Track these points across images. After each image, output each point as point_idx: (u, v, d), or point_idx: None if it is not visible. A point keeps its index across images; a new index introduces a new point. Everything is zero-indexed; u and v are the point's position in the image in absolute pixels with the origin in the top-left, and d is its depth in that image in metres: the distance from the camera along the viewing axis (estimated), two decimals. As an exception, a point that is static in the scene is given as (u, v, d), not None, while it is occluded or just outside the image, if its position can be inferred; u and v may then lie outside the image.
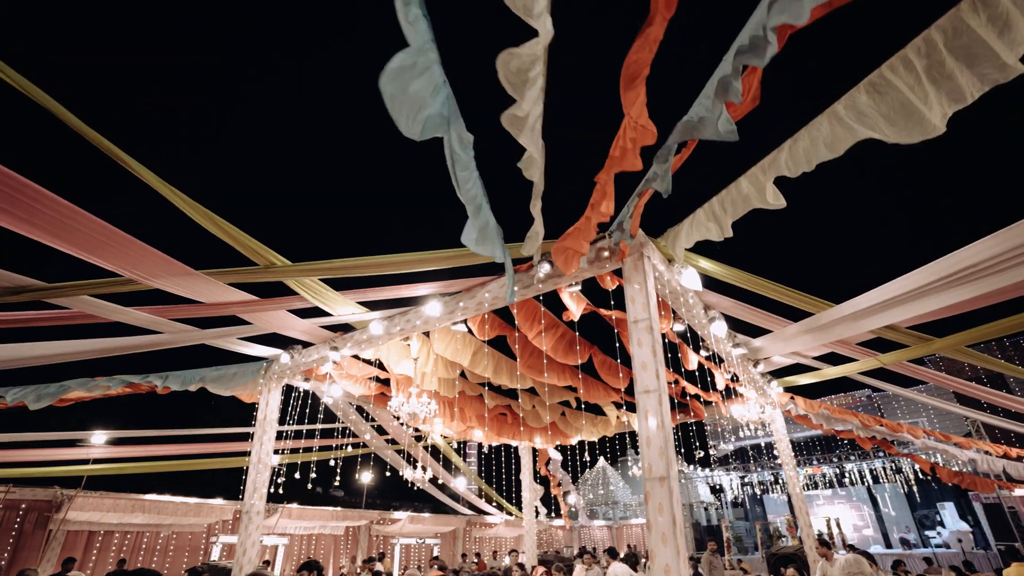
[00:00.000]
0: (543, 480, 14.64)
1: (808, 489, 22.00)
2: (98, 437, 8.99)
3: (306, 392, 8.29)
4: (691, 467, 25.46)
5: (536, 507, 15.33)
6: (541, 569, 6.93)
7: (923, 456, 14.56)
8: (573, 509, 19.81)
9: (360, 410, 9.40)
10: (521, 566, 7.00)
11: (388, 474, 10.68)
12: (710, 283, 5.24)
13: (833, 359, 6.92)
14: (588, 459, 13.04)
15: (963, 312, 4.54)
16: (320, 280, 4.64)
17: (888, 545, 20.20)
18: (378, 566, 9.73)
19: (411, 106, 2.01)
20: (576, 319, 5.34)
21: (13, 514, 9.32)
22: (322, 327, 6.12)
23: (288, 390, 8.06)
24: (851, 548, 8.85)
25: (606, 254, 4.42)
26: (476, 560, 14.20)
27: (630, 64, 2.40)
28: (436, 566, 9.56)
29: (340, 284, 4.93)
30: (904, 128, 2.17)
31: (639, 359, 3.93)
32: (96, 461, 9.95)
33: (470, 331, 6.08)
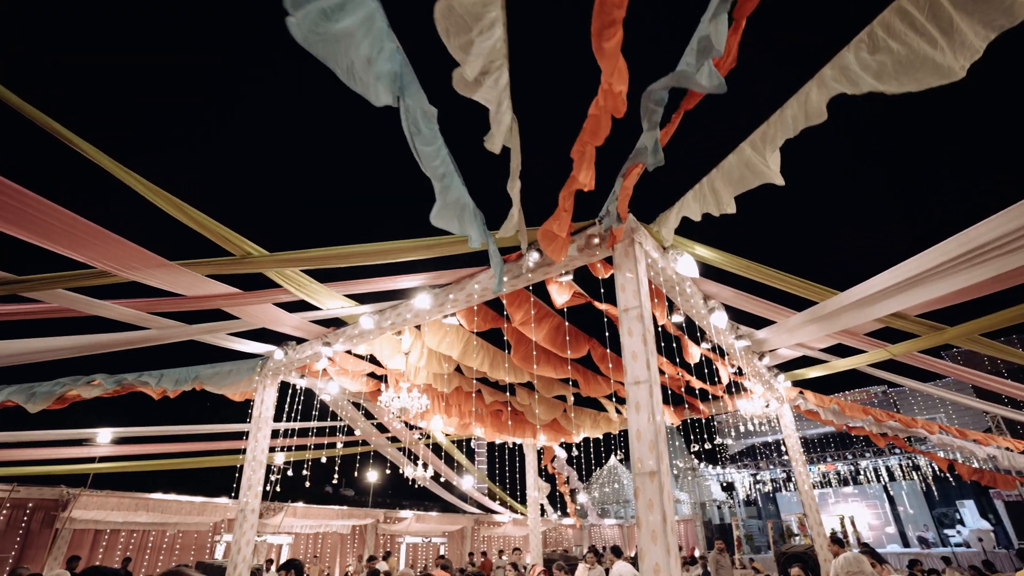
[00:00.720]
0: (549, 478, 14.47)
1: (822, 487, 21.57)
2: (103, 436, 8.98)
3: (307, 390, 8.22)
4: (702, 464, 25.12)
5: (542, 505, 15.16)
6: (539, 568, 6.77)
7: (940, 454, 14.13)
8: (580, 508, 19.60)
9: (359, 407, 9.31)
10: (515, 565, 6.84)
11: (388, 472, 10.59)
12: (708, 272, 5.04)
13: (841, 351, 6.66)
14: (593, 456, 12.79)
15: (977, 297, 4.30)
16: (302, 272, 4.53)
17: (906, 544, 19.73)
18: (379, 565, 9.64)
19: (361, 61, 1.87)
20: (559, 306, 5.16)
21: (20, 513, 9.40)
22: (312, 322, 6.01)
23: (290, 388, 7.99)
24: (864, 546, 8.57)
25: (596, 241, 4.24)
26: (481, 559, 14.08)
27: (602, 27, 2.24)
28: (440, 565, 9.46)
29: (324, 277, 4.81)
30: (906, 81, 1.98)
31: (629, 348, 3.75)
32: (101, 460, 9.99)
33: (461, 323, 5.94)
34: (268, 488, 9.04)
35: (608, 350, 6.49)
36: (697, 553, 17.24)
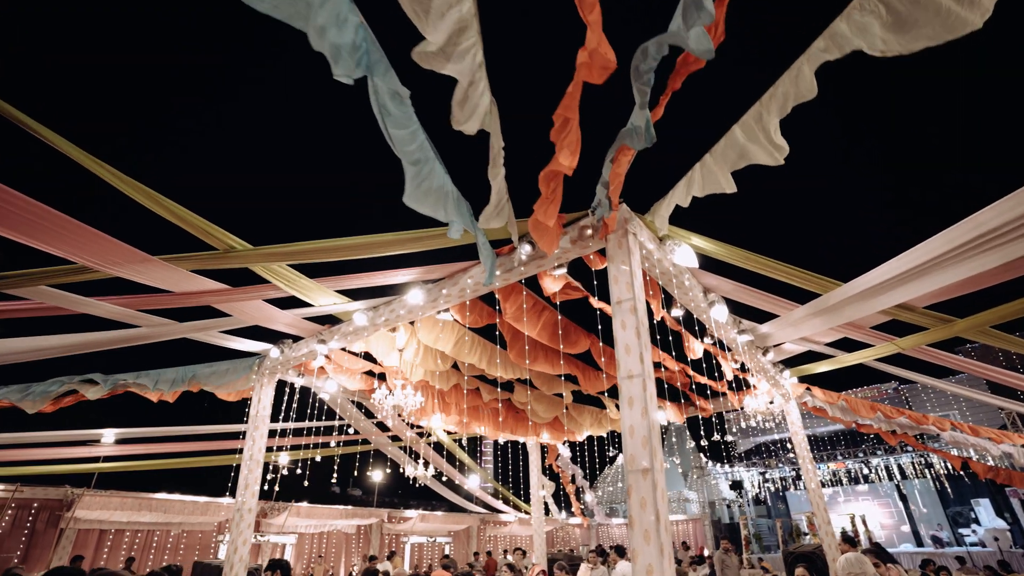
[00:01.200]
0: (554, 476, 14.34)
1: (832, 485, 21.24)
2: (106, 436, 8.98)
3: (307, 389, 8.15)
4: (709, 463, 24.86)
5: (546, 504, 15.03)
6: (538, 568, 6.66)
7: (953, 452, 13.80)
8: (586, 507, 19.45)
9: (360, 406, 9.24)
10: (510, 567, 6.73)
11: (388, 471, 10.52)
12: (707, 264, 4.90)
13: (848, 346, 6.49)
14: (599, 455, 12.63)
15: (986, 287, 4.13)
16: (290, 267, 4.45)
17: (919, 543, 19.36)
18: (380, 565, 9.57)
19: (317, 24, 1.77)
20: (549, 293, 5.03)
21: (26, 513, 9.45)
22: (306, 319, 5.94)
23: (286, 387, 7.93)
24: (875, 545, 8.37)
25: (589, 232, 4.12)
26: (486, 558, 13.98)
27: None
28: (442, 565, 9.38)
29: (314, 272, 4.73)
30: (910, 39, 1.85)
31: (622, 342, 3.63)
32: (105, 460, 10.01)
33: (456, 319, 5.84)
34: (270, 488, 9.01)
35: (607, 345, 6.37)
36: (706, 552, 17.06)
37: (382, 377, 7.79)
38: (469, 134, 2.52)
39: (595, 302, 5.20)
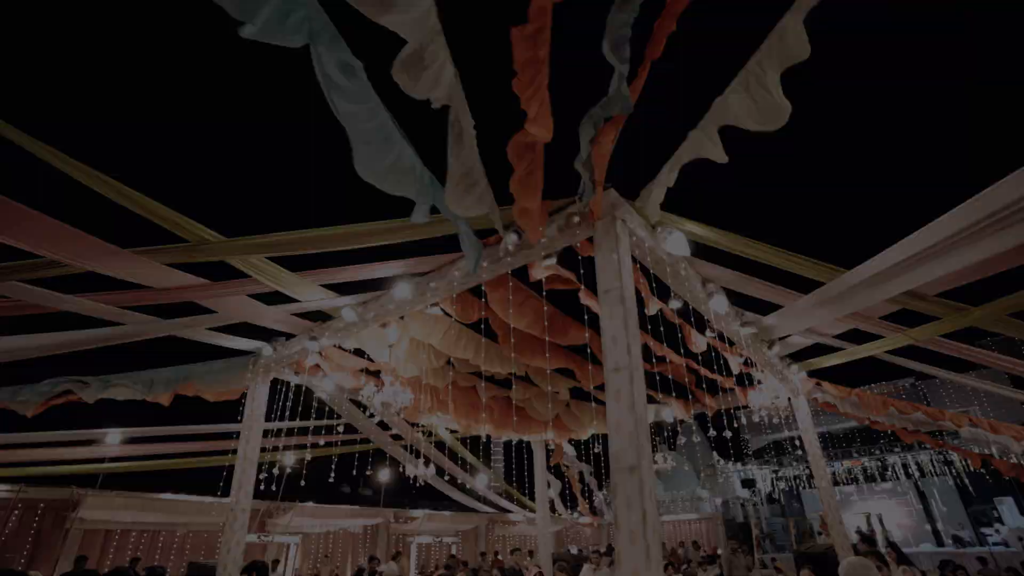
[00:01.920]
0: (560, 475, 14.14)
1: (848, 483, 20.74)
2: (109, 436, 8.95)
3: (306, 388, 8.05)
4: (722, 461, 24.48)
5: (552, 502, 14.82)
6: (535, 569, 6.50)
7: (975, 450, 13.32)
8: (594, 506, 19.22)
9: (359, 404, 9.13)
10: (503, 570, 6.57)
11: (394, 469, 10.41)
12: (706, 252, 4.68)
13: (858, 338, 6.21)
14: (603, 454, 12.38)
15: (1002, 271, 3.86)
16: (269, 260, 4.31)
17: (940, 543, 18.81)
18: (383, 567, 9.47)
19: None
20: (533, 279, 4.84)
21: (31, 513, 9.48)
22: (294, 315, 5.82)
23: (280, 385, 7.84)
24: (892, 546, 8.08)
25: (576, 219, 3.94)
26: (494, 558, 13.83)
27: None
28: (445, 565, 9.28)
29: (295, 265, 4.60)
30: None
31: (609, 333, 3.44)
32: (111, 460, 10.02)
33: (446, 313, 5.69)
34: (276, 487, 8.94)
35: (597, 336, 6.16)
36: (719, 551, 16.77)
37: (377, 375, 7.67)
38: (435, 106, 2.35)
39: (584, 297, 4.99)
